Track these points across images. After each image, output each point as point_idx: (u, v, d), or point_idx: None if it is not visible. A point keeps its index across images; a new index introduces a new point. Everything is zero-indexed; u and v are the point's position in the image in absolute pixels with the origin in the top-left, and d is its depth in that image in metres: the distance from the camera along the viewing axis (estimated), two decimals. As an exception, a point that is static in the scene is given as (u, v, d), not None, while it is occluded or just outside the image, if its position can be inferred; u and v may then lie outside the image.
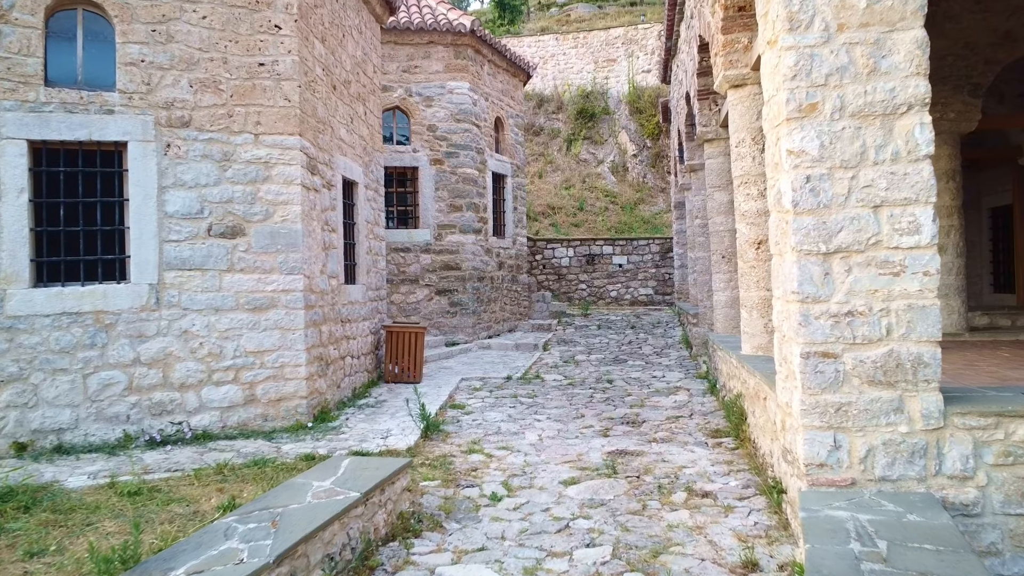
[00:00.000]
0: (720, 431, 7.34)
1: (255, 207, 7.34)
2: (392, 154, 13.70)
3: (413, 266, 13.89)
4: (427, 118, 13.88)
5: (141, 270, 7.02)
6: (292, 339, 7.42)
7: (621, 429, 7.65)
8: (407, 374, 10.36)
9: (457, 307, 14.00)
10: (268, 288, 7.37)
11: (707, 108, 9.81)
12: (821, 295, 4.37)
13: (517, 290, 16.60)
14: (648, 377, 10.86)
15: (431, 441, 7.19)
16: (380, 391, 9.81)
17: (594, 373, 11.34)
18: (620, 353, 13.29)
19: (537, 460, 6.52)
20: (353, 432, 7.40)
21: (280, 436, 7.21)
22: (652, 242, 19.99)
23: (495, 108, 15.33)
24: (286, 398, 7.43)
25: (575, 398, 9.36)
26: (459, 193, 14.01)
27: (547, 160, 24.72)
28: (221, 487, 5.60)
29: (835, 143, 4.36)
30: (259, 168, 7.36)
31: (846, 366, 4.35)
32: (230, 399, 7.25)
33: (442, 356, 12.83)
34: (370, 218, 10.31)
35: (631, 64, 26.09)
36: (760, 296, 7.23)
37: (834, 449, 4.36)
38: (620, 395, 9.50)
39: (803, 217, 4.38)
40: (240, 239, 7.30)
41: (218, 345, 7.22)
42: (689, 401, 8.96)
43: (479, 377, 10.91)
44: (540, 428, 7.74)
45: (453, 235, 14.00)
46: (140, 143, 7.02)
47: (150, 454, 6.61)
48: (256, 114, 7.39)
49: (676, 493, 5.53)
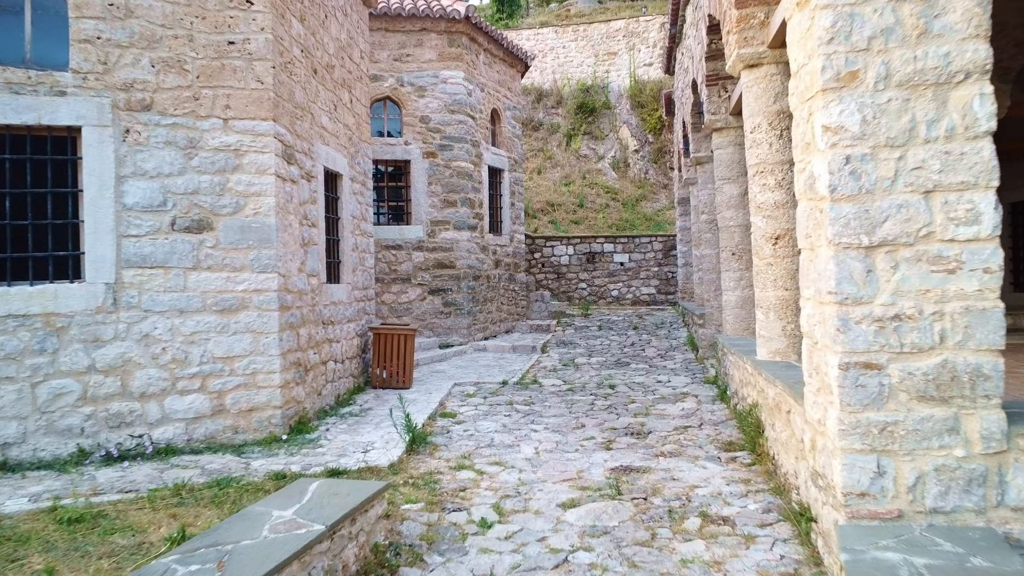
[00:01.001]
0: (734, 444, 6.70)
1: (224, 199, 6.69)
2: (382, 146, 13.06)
3: (405, 264, 13.23)
4: (420, 109, 13.22)
5: (97, 268, 6.37)
6: (265, 343, 6.78)
7: (625, 441, 7.01)
8: (396, 379, 9.72)
9: (451, 307, 13.35)
10: (238, 288, 6.72)
11: (716, 95, 9.17)
12: (863, 296, 3.73)
13: (514, 289, 15.94)
14: (652, 382, 10.23)
15: (417, 455, 6.55)
16: (366, 398, 9.17)
17: (595, 377, 10.70)
18: (622, 356, 12.64)
19: (533, 478, 5.89)
20: (332, 445, 6.76)
21: (251, 450, 6.57)
22: (654, 240, 19.34)
23: (491, 99, 14.67)
24: (258, 408, 6.79)
25: (575, 405, 8.72)
26: (453, 188, 13.36)
27: (546, 156, 24.06)
28: (175, 512, 4.96)
29: (879, 118, 3.72)
30: (229, 156, 6.72)
31: (892, 379, 3.72)
32: (196, 409, 6.61)
33: (435, 359, 12.19)
34: (356, 213, 9.67)
35: (632, 57, 25.42)
36: (778, 296, 6.59)
37: (877, 476, 3.72)
38: (623, 402, 8.86)
39: (842, 204, 3.74)
40: (207, 234, 6.66)
41: (183, 350, 6.58)
42: (698, 409, 8.32)
43: (473, 382, 10.28)
44: (537, 440, 7.11)
45: (447, 232, 13.34)
46: (96, 128, 6.37)
47: (105, 472, 5.97)
48: (225, 97, 6.74)
49: (689, 519, 4.89)
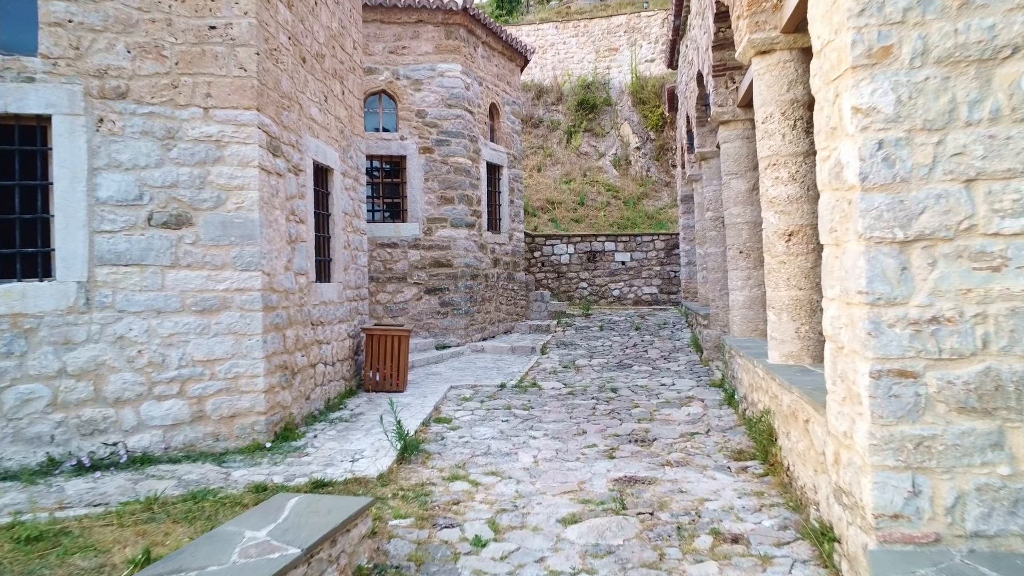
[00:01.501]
0: (744, 453, 6.33)
1: (204, 192, 6.32)
2: (377, 141, 12.68)
3: (400, 263, 12.86)
4: (416, 103, 12.85)
5: (68, 266, 6.00)
6: (248, 346, 6.40)
7: (629, 449, 6.64)
8: (389, 382, 9.34)
9: (448, 307, 12.97)
10: (219, 287, 6.35)
11: (723, 86, 8.80)
12: (896, 296, 3.36)
13: (513, 289, 15.56)
14: (656, 385, 9.85)
15: (408, 465, 6.18)
16: (358, 402, 8.79)
17: (596, 380, 10.32)
18: (624, 357, 12.27)
19: (531, 489, 5.52)
20: (319, 453, 6.38)
21: (233, 459, 6.20)
22: (657, 238, 18.96)
23: (490, 93, 14.30)
24: (241, 414, 6.42)
25: (576, 410, 8.35)
26: (450, 184, 12.98)
27: (546, 153, 23.68)
28: (144, 529, 4.59)
29: (916, 98, 3.35)
30: (209, 147, 6.34)
31: (929, 388, 3.34)
32: (174, 416, 6.23)
33: (431, 360, 11.81)
34: (348, 209, 9.30)
35: (634, 53, 25.04)
36: (791, 296, 6.22)
37: (913, 496, 3.35)
38: (626, 406, 8.49)
39: (874, 194, 3.37)
40: (186, 229, 6.28)
41: (160, 353, 6.20)
42: (704, 414, 7.95)
43: (470, 385, 9.90)
44: (536, 447, 6.74)
45: (444, 229, 12.97)
46: (67, 117, 6.00)
47: (74, 483, 5.60)
48: (206, 85, 6.37)
49: (700, 537, 4.52)
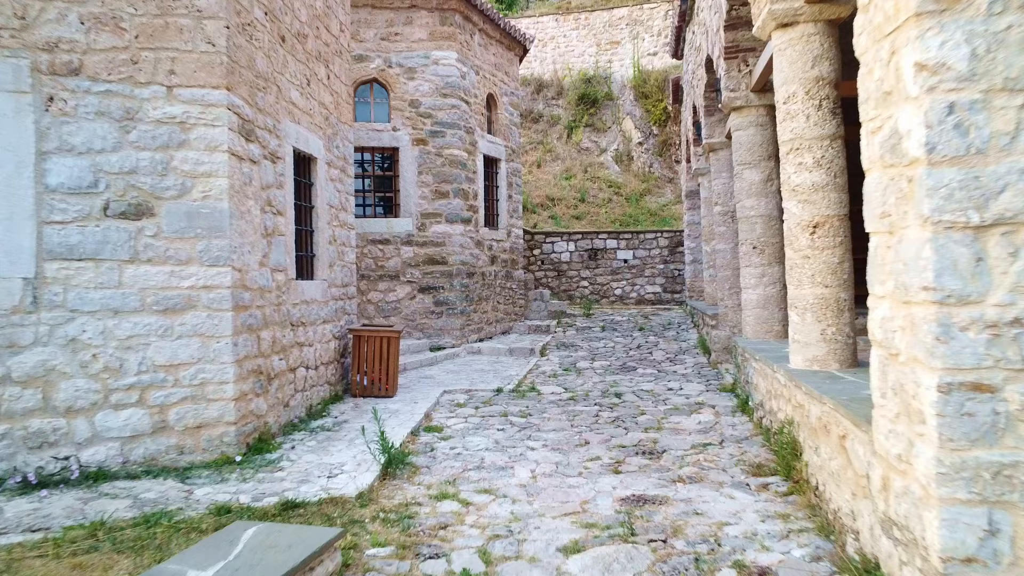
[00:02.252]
0: (763, 467, 5.73)
1: (168, 180, 5.72)
2: (368, 132, 12.08)
3: (393, 260, 12.25)
4: (409, 92, 12.24)
5: (12, 260, 5.40)
6: (216, 349, 5.80)
7: (636, 462, 6.04)
8: (378, 387, 8.74)
9: (443, 307, 12.37)
10: (184, 284, 5.75)
11: (736, 69, 8.19)
12: (971, 293, 2.76)
13: (512, 287, 14.96)
14: (663, 389, 9.25)
15: (393, 481, 5.58)
16: (343, 408, 8.19)
17: (599, 384, 9.72)
18: (628, 360, 11.67)
19: (528, 510, 4.92)
20: (294, 468, 5.79)
21: (198, 474, 5.60)
22: (660, 235, 18.36)
23: (487, 83, 13.70)
24: (208, 424, 5.82)
25: (577, 417, 7.75)
26: (445, 177, 12.38)
27: (546, 148, 23.08)
28: (81, 562, 3.99)
29: (995, 51, 2.75)
30: (173, 129, 5.74)
31: (1010, 405, 2.75)
32: (134, 427, 5.63)
33: (424, 363, 11.22)
34: (334, 201, 8.70)
35: (636, 46, 24.44)
36: (816, 295, 5.62)
37: (989, 536, 2.76)
38: (632, 413, 7.89)
39: (943, 169, 2.77)
40: (147, 220, 5.68)
41: (117, 357, 5.60)
42: (716, 422, 7.35)
43: (464, 389, 9.30)
44: (534, 460, 6.14)
45: (439, 225, 12.36)
46: (11, 95, 5.40)
47: (17, 503, 4.99)
48: (170, 61, 5.76)
49: (721, 570, 3.92)
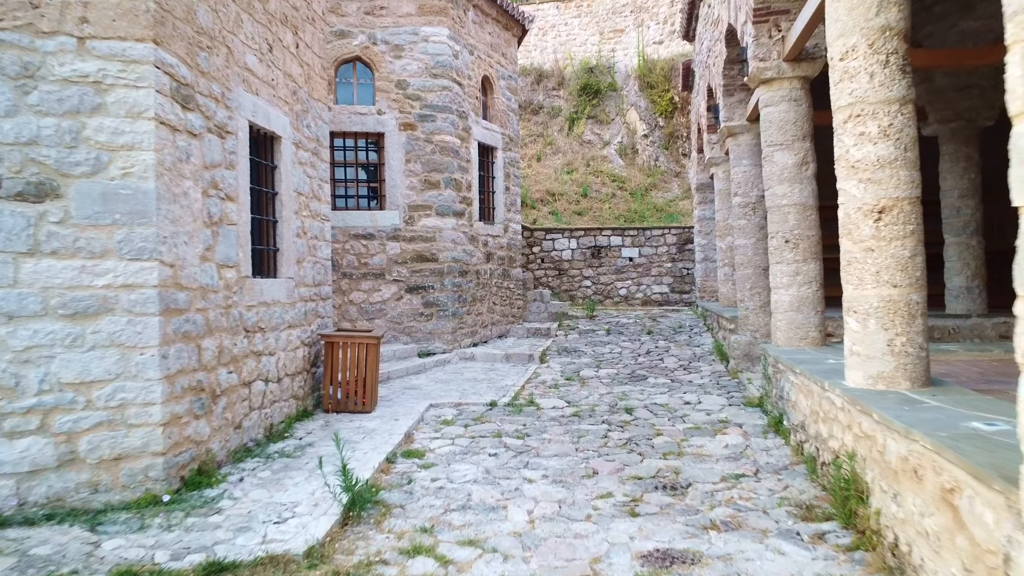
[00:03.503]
0: (814, 509, 4.64)
1: (78, 153, 4.62)
2: (351, 116, 10.98)
3: (377, 257, 11.15)
4: (396, 72, 11.14)
5: None
6: (139, 363, 4.70)
7: (656, 500, 4.95)
8: (354, 400, 7.65)
9: (433, 308, 11.26)
10: (99, 282, 4.65)
11: (766, 35, 7.10)
12: None
13: (509, 287, 13.86)
14: (679, 403, 8.15)
15: (357, 527, 4.49)
16: (311, 427, 7.09)
17: (606, 397, 8.62)
18: (637, 367, 10.57)
19: (523, 572, 3.84)
20: (236, 509, 4.69)
21: (113, 519, 4.50)
22: (668, 232, 17.26)
23: (482, 65, 12.59)
24: (129, 456, 4.72)
25: (583, 439, 6.65)
26: (436, 166, 11.28)
27: (547, 141, 21.98)
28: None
29: None
30: (85, 91, 4.65)
31: None
32: (33, 459, 4.54)
33: (411, 371, 10.12)
34: (304, 188, 7.60)
35: (641, 35, 23.34)
36: (882, 296, 4.52)
37: None
38: (646, 434, 6.79)
39: None
40: (52, 203, 4.59)
41: (13, 374, 4.51)
42: (747, 446, 6.25)
43: (453, 403, 8.20)
44: (531, 497, 5.05)
45: (428, 218, 11.27)
46: None
47: None
48: (81, 7, 4.67)
49: None
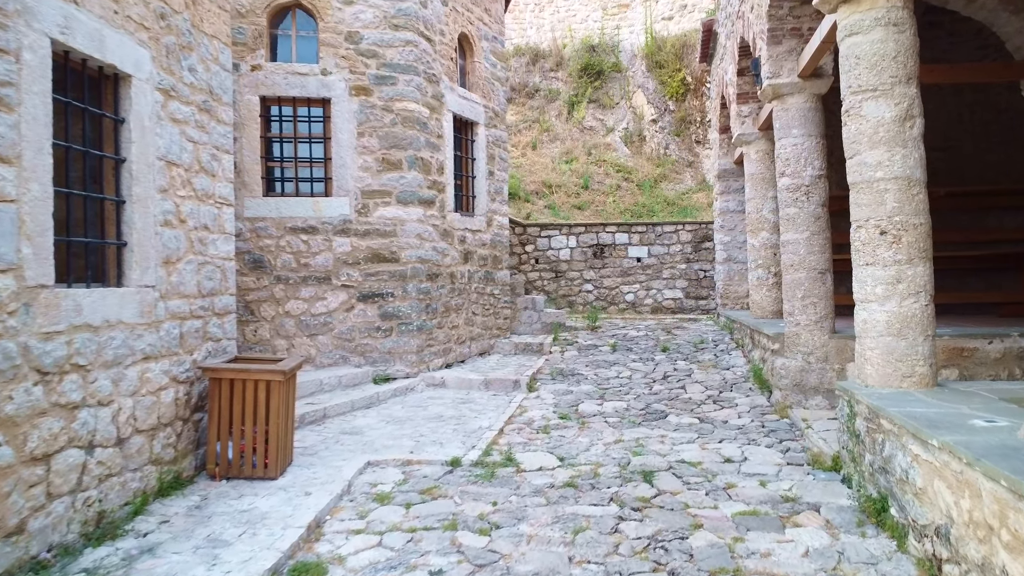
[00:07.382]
0: None
1: None
2: (287, 76, 8.68)
3: (322, 256, 8.83)
4: (346, 21, 8.83)
5: None
6: None
7: None
8: (252, 463, 5.34)
9: (393, 321, 8.94)
10: None
11: (853, -74, 4.77)
12: None
13: (494, 293, 11.54)
14: (716, 461, 5.82)
15: None
16: (176, 509, 4.76)
17: (614, 448, 6.30)
18: (653, 399, 8.23)
19: None
20: None
21: None
22: (682, 228, 14.94)
23: (460, 19, 10.28)
24: None
25: (580, 537, 4.33)
26: (397, 141, 8.96)
27: (543, 127, 19.67)
28: None
29: None
30: None
31: None
32: None
33: (359, 404, 7.81)
34: (182, 157, 5.30)
35: (648, 10, 21.00)
36: None
37: None
38: (677, 525, 4.47)
39: None
40: None
41: None
42: (840, 551, 3.93)
43: (401, 460, 5.89)
44: None
45: (387, 207, 8.95)
46: None
47: None
48: None
49: None
